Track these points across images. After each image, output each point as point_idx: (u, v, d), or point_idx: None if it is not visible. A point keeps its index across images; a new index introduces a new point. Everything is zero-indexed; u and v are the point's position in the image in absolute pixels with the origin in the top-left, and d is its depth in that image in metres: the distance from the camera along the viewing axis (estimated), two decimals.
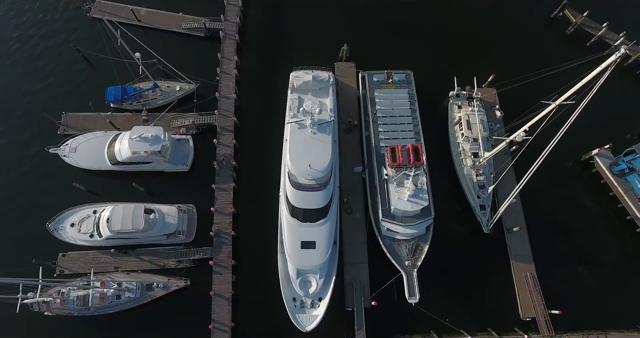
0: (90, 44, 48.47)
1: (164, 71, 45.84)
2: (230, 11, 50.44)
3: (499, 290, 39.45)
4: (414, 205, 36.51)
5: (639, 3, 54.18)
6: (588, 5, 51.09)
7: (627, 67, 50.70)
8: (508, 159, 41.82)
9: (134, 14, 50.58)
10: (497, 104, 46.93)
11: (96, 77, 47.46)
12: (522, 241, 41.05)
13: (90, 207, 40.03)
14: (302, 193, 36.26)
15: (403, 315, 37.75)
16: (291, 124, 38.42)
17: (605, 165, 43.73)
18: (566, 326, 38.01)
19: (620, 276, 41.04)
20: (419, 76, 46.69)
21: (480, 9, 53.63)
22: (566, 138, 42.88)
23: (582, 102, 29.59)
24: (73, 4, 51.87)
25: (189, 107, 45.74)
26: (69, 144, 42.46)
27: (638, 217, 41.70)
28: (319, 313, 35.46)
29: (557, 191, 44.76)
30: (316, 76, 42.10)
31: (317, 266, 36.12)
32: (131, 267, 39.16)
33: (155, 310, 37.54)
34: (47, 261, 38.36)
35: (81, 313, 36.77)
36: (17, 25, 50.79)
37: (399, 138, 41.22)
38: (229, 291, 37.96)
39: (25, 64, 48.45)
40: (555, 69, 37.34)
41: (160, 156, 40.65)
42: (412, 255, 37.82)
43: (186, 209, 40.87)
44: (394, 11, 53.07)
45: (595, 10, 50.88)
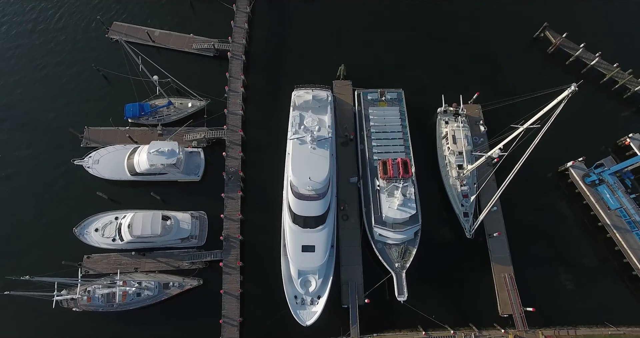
0: (109, 63, 52.61)
1: (177, 89, 50.13)
2: (237, 33, 54.83)
3: (480, 289, 43.72)
4: (403, 213, 40.86)
5: (613, 26, 58.47)
6: (567, 28, 55.49)
7: (602, 85, 55.00)
8: (491, 170, 46.07)
9: (149, 36, 55.02)
10: (481, 120, 51.27)
11: (115, 94, 51.69)
12: (501, 245, 45.32)
13: (112, 214, 44.39)
14: (303, 202, 40.58)
15: (393, 311, 42.03)
16: (293, 140, 42.82)
17: (578, 176, 48.04)
18: (539, 322, 42.19)
19: (591, 277, 45.34)
20: (410, 92, 51.08)
21: (467, 30, 57.90)
22: (545, 150, 47.95)
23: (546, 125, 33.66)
24: (94, 27, 56.12)
25: (200, 123, 50.12)
26: (92, 156, 46.88)
27: (607, 224, 46.00)
28: (317, 309, 39.74)
29: (535, 199, 49.10)
30: (316, 95, 46.47)
31: (316, 267, 40.42)
32: (149, 268, 43.51)
33: (171, 306, 41.83)
34: (74, 262, 42.75)
35: (105, 309, 41.09)
36: (42, 44, 55.19)
37: (390, 152, 45.62)
38: (237, 289, 42.31)
39: (50, 82, 52.76)
40: (531, 94, 41.19)
41: (175, 168, 45.04)
42: (401, 258, 42.10)
43: (198, 215, 45.21)
44: (387, 34, 57.31)
45: (573, 32, 55.20)
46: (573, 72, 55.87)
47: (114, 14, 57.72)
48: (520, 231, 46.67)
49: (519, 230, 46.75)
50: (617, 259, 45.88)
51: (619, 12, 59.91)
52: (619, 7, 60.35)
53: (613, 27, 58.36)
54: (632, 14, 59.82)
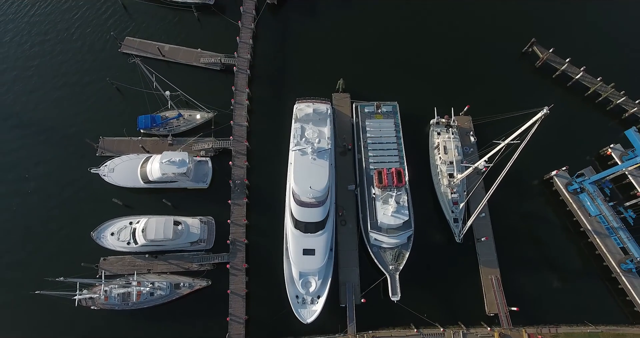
0: (122, 77, 55.78)
1: (186, 101, 53.32)
2: (243, 48, 58.23)
3: (468, 290, 46.94)
4: (397, 219, 44.14)
5: (597, 42, 61.65)
6: (553, 43, 58.90)
7: (587, 97, 58.23)
8: (479, 179, 49.35)
9: (159, 51, 58.43)
10: (471, 131, 54.54)
11: (128, 106, 55.00)
12: (489, 249, 48.58)
13: (127, 219, 47.76)
14: (304, 209, 43.91)
15: (387, 310, 45.13)
16: (295, 151, 46.20)
17: (562, 184, 51.32)
18: (523, 321, 45.43)
19: (572, 279, 48.56)
20: (405, 105, 54.42)
21: (459, 45, 61.16)
22: (532, 159, 51.70)
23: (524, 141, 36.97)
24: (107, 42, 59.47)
25: (207, 133, 53.47)
26: (107, 165, 50.27)
27: (588, 229, 49.28)
28: (317, 308, 43.13)
29: (522, 206, 52.35)
30: (316, 108, 49.85)
31: (316, 269, 43.78)
32: (161, 269, 46.87)
33: (182, 305, 45.18)
34: (92, 264, 46.15)
35: (121, 307, 44.44)
36: (60, 60, 58.57)
37: (385, 162, 48.93)
38: (243, 290, 45.68)
39: (68, 96, 56.08)
40: (514, 113, 44.09)
41: (185, 176, 48.41)
42: (395, 261, 45.41)
43: (207, 221, 48.58)
44: (383, 49, 60.61)
45: (559, 47, 58.59)
46: (559, 85, 59.36)
47: (129, 30, 60.84)
48: (507, 236, 49.85)
49: (506, 234, 49.94)
50: (597, 262, 49.15)
51: (602, 29, 62.88)
52: (602, 24, 63.32)
53: (597, 43, 61.53)
54: (614, 30, 62.81)
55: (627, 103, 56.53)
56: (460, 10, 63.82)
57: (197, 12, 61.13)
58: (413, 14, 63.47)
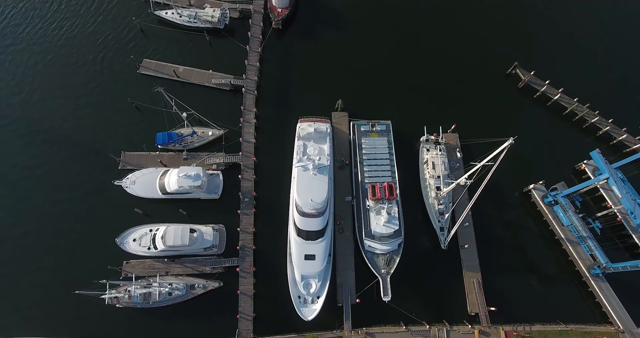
0: (141, 95, 61.15)
1: (199, 120, 58.77)
2: (250, 71, 63.83)
3: (452, 292, 52.37)
4: (388, 229, 49.66)
5: (574, 66, 67.34)
6: (534, 66, 64.56)
7: (564, 116, 63.75)
8: (462, 192, 54.86)
9: (175, 72, 64.04)
10: (458, 147, 59.98)
11: (146, 123, 60.32)
12: (472, 255, 53.99)
13: (147, 227, 53.21)
14: (306, 219, 49.44)
15: (380, 309, 50.42)
16: (298, 167, 51.78)
17: (538, 197, 56.75)
18: (501, 320, 50.88)
19: (547, 283, 54.02)
20: (398, 123, 60.01)
21: (448, 67, 66.69)
22: (512, 173, 57.54)
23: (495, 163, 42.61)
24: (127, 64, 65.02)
25: (218, 148, 59.00)
26: (129, 178, 55.76)
27: (562, 237, 54.71)
28: (317, 307, 48.60)
29: (503, 215, 57.81)
30: (317, 128, 55.43)
31: (316, 272, 49.31)
32: (178, 272, 52.32)
33: (196, 304, 50.59)
34: (116, 267, 51.67)
35: (143, 306, 49.86)
36: (84, 82, 64.00)
37: (379, 176, 54.46)
38: (251, 290, 51.14)
39: (93, 114, 61.46)
40: (495, 138, 48.94)
41: (199, 188, 53.94)
42: (387, 265, 50.88)
43: (218, 228, 54.04)
44: (379, 71, 66.19)
45: (540, 70, 64.17)
46: (540, 104, 64.99)
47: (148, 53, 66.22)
48: (489, 243, 55.32)
49: (488, 241, 55.40)
50: (569, 267, 54.66)
51: (579, 54, 68.59)
52: (579, 50, 68.98)
53: (574, 67, 67.25)
54: (590, 56, 68.51)
55: (601, 122, 61.99)
56: (450, 35, 69.39)
57: (209, 36, 66.65)
58: (406, 39, 69.03)
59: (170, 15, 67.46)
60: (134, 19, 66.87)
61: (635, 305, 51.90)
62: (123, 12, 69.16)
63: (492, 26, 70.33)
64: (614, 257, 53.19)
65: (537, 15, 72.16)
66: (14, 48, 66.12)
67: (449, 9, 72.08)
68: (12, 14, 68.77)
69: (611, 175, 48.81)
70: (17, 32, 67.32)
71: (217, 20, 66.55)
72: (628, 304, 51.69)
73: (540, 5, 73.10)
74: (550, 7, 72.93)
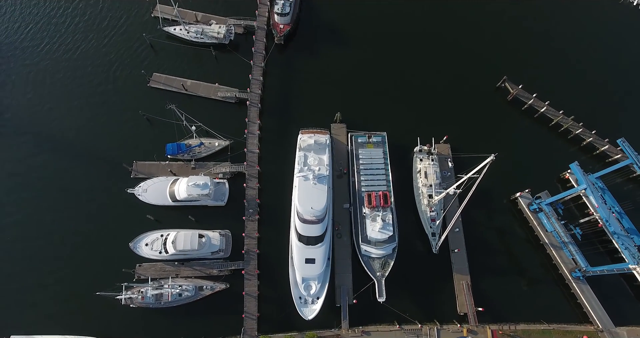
0: (151, 108, 64.89)
1: (206, 131, 62.51)
2: (254, 84, 67.74)
3: (442, 293, 56.06)
4: (383, 235, 53.44)
5: (559, 80, 71.19)
6: (522, 80, 68.42)
7: (550, 127, 67.56)
8: (452, 199, 58.65)
9: (183, 86, 67.93)
10: (449, 157, 63.76)
11: (157, 135, 63.98)
12: (461, 258, 57.71)
13: (158, 232, 57.03)
14: (306, 225, 53.22)
15: (375, 309, 54.14)
16: (299, 177, 55.59)
17: (524, 204, 60.49)
18: (488, 319, 54.58)
19: (532, 285, 57.74)
20: (393, 134, 63.75)
21: (441, 80, 70.59)
22: (501, 181, 61.36)
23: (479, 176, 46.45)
24: (138, 78, 68.87)
25: (224, 158, 62.87)
26: (141, 186, 59.60)
27: (546, 242, 58.45)
28: (317, 307, 52.32)
29: (491, 221, 61.56)
30: (317, 140, 59.28)
31: (316, 275, 53.09)
32: (187, 274, 56.13)
33: (205, 304, 54.35)
34: (130, 269, 55.48)
35: (155, 306, 53.62)
36: (100, 94, 68.00)
37: (375, 185, 58.25)
38: (255, 291, 54.90)
39: (107, 126, 65.29)
40: (481, 154, 52.56)
41: (207, 196, 57.75)
42: (382, 268, 54.61)
43: (225, 233, 57.85)
44: (376, 86, 70.02)
45: (528, 84, 68.09)
46: (528, 116, 68.82)
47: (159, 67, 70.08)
48: (478, 247, 59.02)
49: (477, 246, 59.11)
50: (553, 271, 58.42)
51: (564, 69, 72.51)
52: (564, 65, 72.91)
53: (560, 81, 71.11)
54: (574, 71, 72.47)
55: (584, 133, 65.79)
56: (443, 50, 73.27)
57: (215, 51, 70.55)
58: (401, 55, 72.89)
59: (179, 31, 71.37)
60: (144, 35, 70.76)
61: (614, 305, 55.60)
62: (134, 29, 73.03)
63: (483, 42, 74.18)
64: (596, 261, 56.97)
65: (526, 31, 76.02)
66: (34, 63, 69.98)
67: (443, 26, 75.84)
68: (32, 30, 72.77)
69: (588, 186, 52.53)
70: (37, 49, 71.19)
71: (222, 36, 70.51)
72: (607, 305, 55.30)
73: (528, 22, 76.92)
74: (538, 24, 76.78)
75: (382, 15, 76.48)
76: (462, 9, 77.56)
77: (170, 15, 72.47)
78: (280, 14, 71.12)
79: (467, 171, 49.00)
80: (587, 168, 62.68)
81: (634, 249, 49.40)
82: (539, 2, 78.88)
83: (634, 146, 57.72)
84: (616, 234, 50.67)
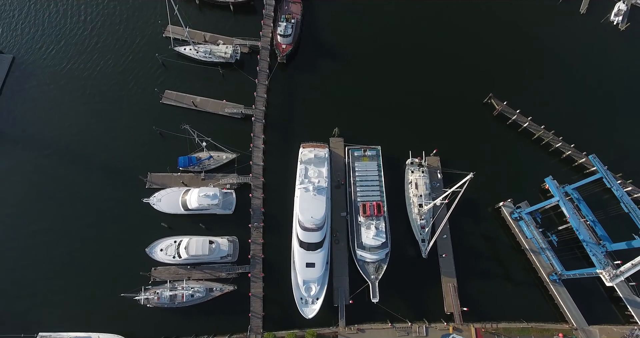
0: (165, 123, 70.25)
1: (214, 145, 67.89)
2: (259, 101, 73.27)
3: (431, 295, 61.43)
4: (376, 241, 58.85)
5: (540, 97, 76.71)
6: (506, 98, 73.91)
7: (533, 140, 72.96)
8: (440, 208, 64.00)
9: (193, 102, 73.43)
10: (439, 169, 69.15)
11: (169, 148, 69.34)
12: (449, 263, 63.06)
13: (172, 238, 62.47)
14: (307, 233, 58.68)
15: (369, 309, 59.44)
16: (300, 188, 61.07)
17: (507, 213, 65.89)
18: (472, 318, 59.92)
19: (513, 287, 63.09)
20: (387, 148, 69.24)
21: (431, 97, 76.05)
22: (487, 191, 66.77)
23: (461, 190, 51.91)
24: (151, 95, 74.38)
25: (231, 170, 68.32)
26: (155, 196, 65.10)
27: (526, 248, 63.83)
28: (316, 307, 57.70)
29: (477, 228, 66.92)
30: (316, 154, 64.80)
31: (316, 278, 58.48)
32: (198, 277, 61.53)
33: (215, 304, 59.67)
34: (146, 272, 60.94)
35: (169, 306, 58.99)
36: (118, 118, 73.24)
37: (369, 196, 63.67)
38: (261, 293, 60.32)
39: (124, 140, 70.74)
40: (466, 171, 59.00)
41: (216, 206, 63.21)
42: (376, 272, 59.96)
43: (232, 240, 63.27)
44: (371, 101, 75.54)
45: (512, 101, 73.53)
46: (512, 130, 74.28)
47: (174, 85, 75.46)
48: (464, 252, 64.35)
49: (464, 251, 64.46)
50: (533, 274, 63.80)
51: (545, 87, 78.15)
52: (545, 83, 78.60)
53: (542, 98, 76.70)
54: (555, 89, 78.17)
55: (564, 147, 71.25)
56: (435, 69, 78.79)
57: (222, 70, 76.06)
58: (395, 73, 78.38)
59: (188, 51, 76.88)
60: (157, 55, 76.30)
61: (588, 306, 61.03)
62: (148, 48, 78.46)
63: (471, 61, 79.61)
64: (574, 265, 62.17)
65: (512, 51, 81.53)
66: (55, 82, 75.37)
67: (434, 48, 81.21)
68: (55, 50, 78.40)
69: (560, 198, 57.84)
70: (58, 68, 76.65)
71: (229, 56, 76.04)
72: (581, 305, 60.71)
73: (514, 42, 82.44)
74: (523, 44, 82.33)
75: (377, 37, 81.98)
76: (452, 32, 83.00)
77: (180, 36, 77.92)
78: (282, 35, 76.72)
79: (451, 186, 54.44)
80: (570, 178, 68.13)
81: (600, 255, 54.61)
82: (523, 24, 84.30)
83: (610, 157, 63.26)
84: (585, 241, 55.91)
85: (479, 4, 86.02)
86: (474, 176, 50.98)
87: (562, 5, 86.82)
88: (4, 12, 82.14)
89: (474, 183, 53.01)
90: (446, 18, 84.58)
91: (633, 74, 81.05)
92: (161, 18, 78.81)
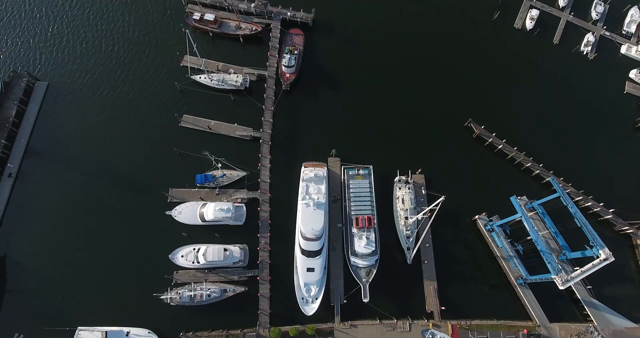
0: (184, 145, 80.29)
1: (227, 164, 77.69)
2: (266, 125, 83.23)
3: (414, 295, 71.14)
4: (367, 249, 68.67)
5: (516, 122, 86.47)
6: (484, 122, 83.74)
7: (507, 160, 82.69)
8: (423, 220, 73.78)
9: (208, 126, 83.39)
10: (423, 186, 78.97)
11: (188, 167, 79.10)
12: (430, 268, 72.80)
13: (191, 246, 72.31)
14: (307, 242, 68.56)
15: (361, 308, 69.16)
16: (302, 204, 70.99)
17: (482, 225, 75.67)
18: (449, 316, 69.64)
19: (487, 289, 72.77)
20: (378, 167, 79.09)
21: (416, 122, 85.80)
22: (466, 205, 76.49)
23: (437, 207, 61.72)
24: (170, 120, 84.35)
25: (242, 186, 78.24)
26: (177, 209, 74.98)
27: (498, 255, 73.60)
28: (315, 306, 67.52)
29: (456, 238, 76.57)
30: (316, 173, 74.73)
31: (315, 281, 68.30)
32: (214, 279, 71.32)
33: (228, 303, 69.45)
34: (169, 275, 70.83)
35: (189, 304, 68.70)
36: (140, 135, 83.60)
37: (362, 210, 73.49)
38: (268, 293, 70.19)
39: (148, 159, 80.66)
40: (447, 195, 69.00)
41: (229, 218, 73.07)
42: (367, 275, 69.68)
43: (243, 247, 73.10)
44: (366, 125, 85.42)
45: (488, 125, 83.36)
46: (489, 150, 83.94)
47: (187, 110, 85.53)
48: (444, 259, 73.99)
49: (444, 258, 74.10)
50: (504, 278, 73.47)
51: (517, 113, 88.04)
52: (517, 109, 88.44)
53: (515, 123, 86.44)
54: (526, 114, 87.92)
55: (534, 166, 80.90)
56: (420, 96, 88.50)
57: (234, 96, 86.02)
58: (387, 99, 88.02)
59: (203, 79, 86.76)
60: (175, 83, 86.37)
61: (550, 306, 70.64)
62: (169, 76, 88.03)
63: (455, 89, 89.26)
64: (538, 270, 71.47)
65: (490, 79, 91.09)
66: (92, 107, 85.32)
67: (421, 77, 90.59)
68: (90, 79, 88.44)
69: (522, 214, 67.43)
70: (94, 96, 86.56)
71: (239, 84, 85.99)
72: (544, 305, 70.38)
73: (492, 72, 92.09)
74: (500, 73, 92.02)
75: (371, 66, 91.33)
76: (436, 64, 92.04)
77: (195, 65, 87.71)
78: (286, 66, 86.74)
79: (429, 204, 64.34)
80: (541, 193, 76.59)
81: (555, 263, 64.08)
82: (503, 54, 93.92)
83: (575, 175, 73.62)
84: (542, 251, 65.43)
85: (464, 44, 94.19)
86: (455, 191, 61.24)
87: (537, 36, 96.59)
88: (41, 42, 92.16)
89: (455, 198, 63.36)
90: (431, 52, 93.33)
91: (600, 99, 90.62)
92: (179, 49, 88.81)
